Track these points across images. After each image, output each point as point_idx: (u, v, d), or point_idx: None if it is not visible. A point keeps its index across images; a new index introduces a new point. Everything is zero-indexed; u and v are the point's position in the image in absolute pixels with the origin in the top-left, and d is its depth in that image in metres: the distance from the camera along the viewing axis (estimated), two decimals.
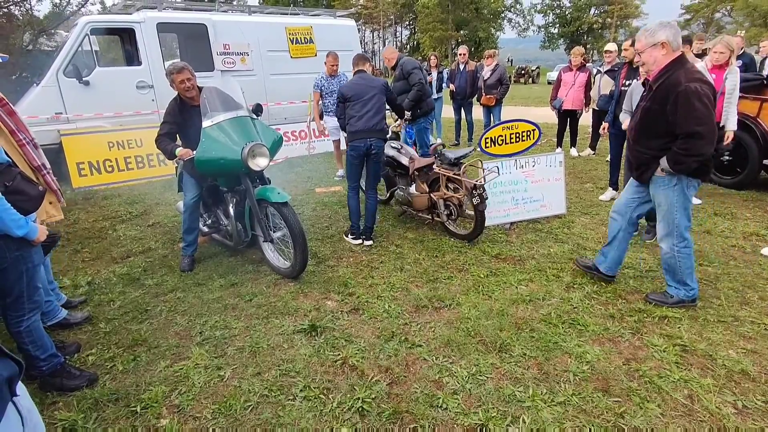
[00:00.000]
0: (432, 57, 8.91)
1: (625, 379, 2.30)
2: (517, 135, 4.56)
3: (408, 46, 63.71)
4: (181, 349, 2.63)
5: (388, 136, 4.22)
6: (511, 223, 4.43)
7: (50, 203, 2.54)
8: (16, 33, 8.16)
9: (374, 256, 3.87)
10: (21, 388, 1.18)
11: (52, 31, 9.06)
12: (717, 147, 5.32)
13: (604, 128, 5.12)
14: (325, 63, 5.91)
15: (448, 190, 4.07)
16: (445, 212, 4.18)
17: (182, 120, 3.48)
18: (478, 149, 4.58)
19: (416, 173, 4.37)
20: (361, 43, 10.26)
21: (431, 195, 4.22)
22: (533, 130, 4.57)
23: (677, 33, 2.59)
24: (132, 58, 7.43)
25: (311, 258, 3.72)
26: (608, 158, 5.42)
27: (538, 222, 4.51)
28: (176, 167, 4.35)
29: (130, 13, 7.37)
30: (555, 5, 54.04)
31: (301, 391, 2.25)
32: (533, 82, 34.22)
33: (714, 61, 4.49)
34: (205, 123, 3.32)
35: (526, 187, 4.44)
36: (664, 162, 2.68)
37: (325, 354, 2.55)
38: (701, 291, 3.14)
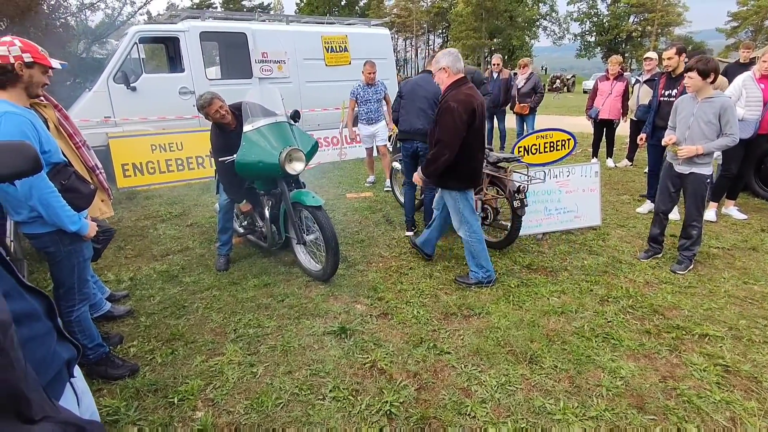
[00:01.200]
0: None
1: (662, 397, 2.22)
2: (552, 144, 4.49)
3: None
4: (216, 345, 2.73)
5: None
6: (544, 234, 4.35)
7: (102, 201, 2.70)
8: (72, 42, 8.68)
9: (403, 262, 3.89)
10: (77, 370, 1.26)
11: (104, 39, 9.59)
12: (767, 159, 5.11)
13: (641, 139, 4.98)
14: (363, 71, 5.98)
15: (488, 192, 4.04)
16: (481, 215, 4.11)
17: (226, 147, 3.52)
18: None
19: None
20: (393, 51, 10.38)
21: None
22: (568, 140, 4.50)
23: (456, 60, 3.13)
24: (175, 65, 7.78)
25: (341, 262, 3.78)
26: (646, 170, 5.26)
27: (572, 233, 4.42)
28: (215, 169, 4.52)
29: (175, 23, 7.72)
30: (592, 13, 52.88)
31: (330, 391, 2.29)
32: (568, 90, 33.53)
33: (763, 70, 4.31)
34: (246, 128, 3.45)
35: (559, 197, 4.37)
36: (418, 171, 3.33)
37: (355, 356, 2.59)
38: (746, 311, 3.00)
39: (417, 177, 3.43)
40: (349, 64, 8.70)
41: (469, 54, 49.74)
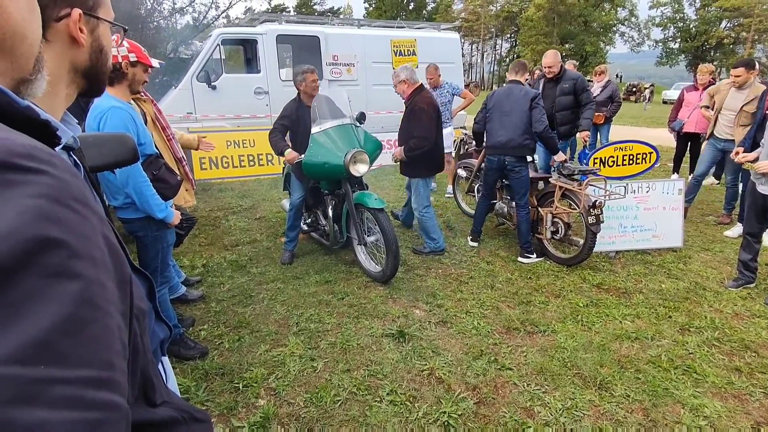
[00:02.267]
0: (535, 71, 8.60)
1: None
2: (631, 157, 4.22)
3: (507, 59, 62.16)
4: (279, 336, 2.82)
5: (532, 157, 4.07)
6: (617, 252, 4.09)
7: (186, 190, 2.89)
8: (162, 42, 9.42)
9: (464, 270, 3.82)
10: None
11: (189, 41, 10.32)
12: None
13: (736, 153, 4.53)
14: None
15: (560, 205, 3.81)
16: (551, 229, 3.92)
17: (296, 118, 3.77)
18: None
19: None
20: (461, 55, 10.25)
21: (539, 209, 4.02)
22: (650, 153, 4.20)
23: (412, 73, 3.91)
24: (252, 66, 8.20)
25: (401, 265, 3.76)
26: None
27: (648, 253, 4.11)
28: (283, 167, 4.69)
29: (254, 26, 8.13)
30: (677, 18, 49.10)
31: (387, 394, 2.29)
32: (647, 100, 31.37)
33: None
34: (314, 129, 3.57)
35: (636, 214, 4.08)
36: (400, 151, 3.95)
37: (412, 362, 2.56)
38: None
39: (398, 153, 3.98)
40: (417, 67, 8.67)
41: (538, 60, 48.03)
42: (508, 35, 61.64)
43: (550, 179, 3.99)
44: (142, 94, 2.61)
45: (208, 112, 7.20)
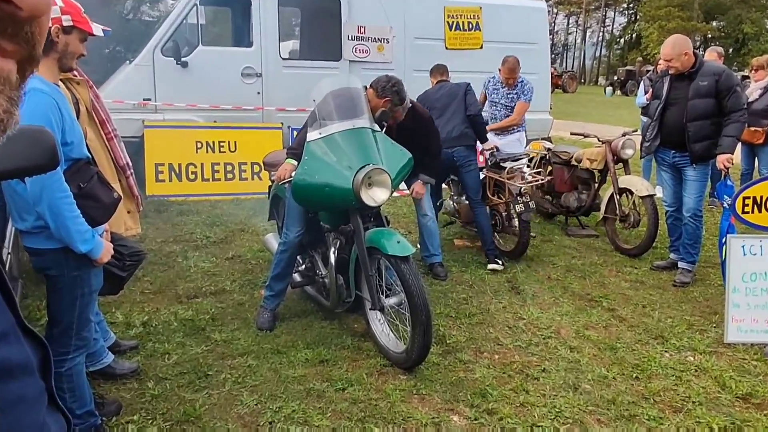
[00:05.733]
0: (659, 62, 8.57)
1: None
2: None
3: (621, 40, 62.47)
4: None
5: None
6: None
7: (128, 212, 2.98)
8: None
9: (533, 358, 3.74)
10: None
11: None
12: None
13: None
14: (501, 69, 6.07)
15: (494, 197, 5.09)
16: (491, 222, 5.27)
17: None
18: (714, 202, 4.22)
19: None
20: (550, 33, 10.37)
21: None
22: None
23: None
24: (241, 36, 8.56)
25: (436, 343, 3.73)
26: None
27: None
28: (269, 186, 4.79)
29: None
30: None
31: None
32: None
33: None
34: (311, 135, 3.59)
35: None
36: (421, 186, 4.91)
37: None
38: None
39: (420, 188, 4.85)
40: (480, 48, 8.85)
41: None
42: (625, 5, 62.17)
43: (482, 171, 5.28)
44: (76, 73, 2.75)
45: (174, 100, 7.52)
